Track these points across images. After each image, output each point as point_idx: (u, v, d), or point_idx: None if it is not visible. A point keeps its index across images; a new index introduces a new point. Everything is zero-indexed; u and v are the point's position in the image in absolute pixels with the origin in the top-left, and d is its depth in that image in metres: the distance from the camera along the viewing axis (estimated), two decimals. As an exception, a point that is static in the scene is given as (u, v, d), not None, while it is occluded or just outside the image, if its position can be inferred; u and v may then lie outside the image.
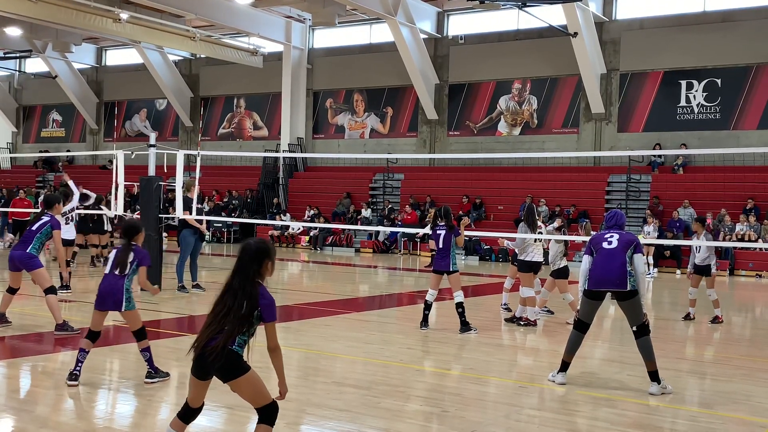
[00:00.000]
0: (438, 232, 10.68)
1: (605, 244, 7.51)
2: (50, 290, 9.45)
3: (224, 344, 4.51)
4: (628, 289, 7.33)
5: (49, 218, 9.59)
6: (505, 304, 12.53)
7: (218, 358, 4.50)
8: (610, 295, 8.05)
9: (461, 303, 10.41)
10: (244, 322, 4.58)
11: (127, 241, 7.19)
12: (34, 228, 9.50)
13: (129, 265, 7.07)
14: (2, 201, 30.68)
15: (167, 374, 7.19)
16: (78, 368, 6.90)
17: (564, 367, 7.60)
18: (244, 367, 4.63)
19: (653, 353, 7.32)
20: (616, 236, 7.54)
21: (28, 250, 9.39)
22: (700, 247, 12.09)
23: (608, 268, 7.38)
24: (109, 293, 7.03)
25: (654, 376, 7.29)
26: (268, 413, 4.75)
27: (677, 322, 12.24)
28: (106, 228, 17.78)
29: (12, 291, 9.61)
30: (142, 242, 7.37)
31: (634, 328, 7.42)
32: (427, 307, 10.60)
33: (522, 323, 11.18)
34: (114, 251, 7.24)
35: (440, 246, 10.57)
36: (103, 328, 7.24)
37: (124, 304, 7.04)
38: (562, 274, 11.48)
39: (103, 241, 17.87)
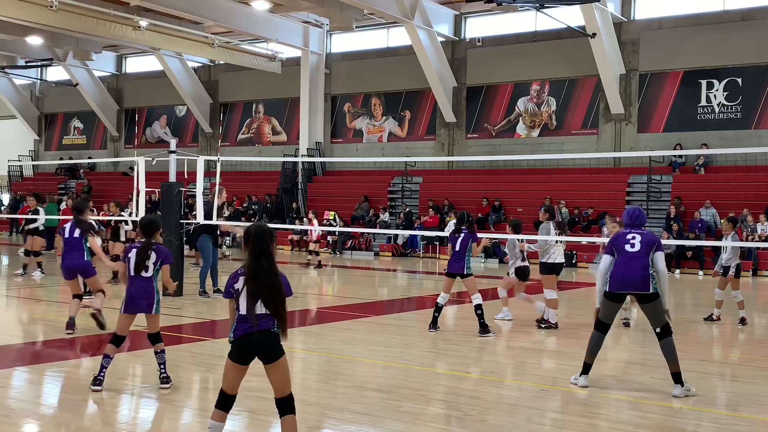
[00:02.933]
0: (456, 235, 10.68)
1: (628, 247, 7.39)
2: (78, 296, 9.85)
3: (284, 325, 4.80)
4: (651, 291, 7.26)
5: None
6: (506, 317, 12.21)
7: (270, 339, 4.76)
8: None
9: (480, 305, 10.38)
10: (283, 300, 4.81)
11: (147, 239, 7.12)
12: (76, 236, 9.68)
13: (153, 266, 7.05)
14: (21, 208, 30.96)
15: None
16: (102, 374, 6.93)
17: (586, 369, 7.54)
18: (283, 349, 4.85)
19: (676, 355, 7.26)
20: (638, 237, 7.41)
21: (85, 259, 9.74)
22: (726, 247, 11.97)
23: (631, 271, 7.30)
24: (142, 296, 7.00)
25: (677, 378, 7.21)
26: (290, 401, 4.92)
27: (700, 323, 12.14)
28: (121, 238, 17.07)
29: (78, 297, 9.91)
30: (161, 240, 7.39)
31: (657, 330, 7.35)
32: (438, 309, 10.56)
33: (543, 326, 11.13)
34: (133, 250, 7.10)
35: (457, 249, 10.55)
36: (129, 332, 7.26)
37: (155, 306, 7.06)
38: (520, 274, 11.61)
39: (118, 251, 17.07)
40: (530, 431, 6.06)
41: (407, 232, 24.69)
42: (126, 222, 16.04)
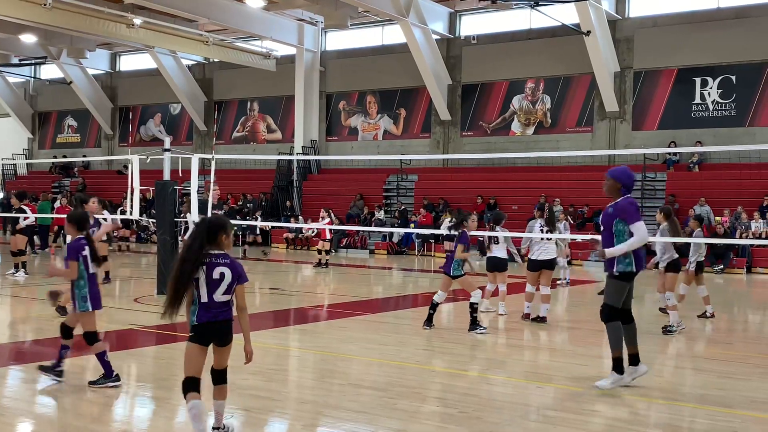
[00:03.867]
0: (453, 234, 10.86)
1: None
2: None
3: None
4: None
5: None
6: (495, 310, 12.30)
7: (229, 326, 5.36)
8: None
9: (474, 303, 10.41)
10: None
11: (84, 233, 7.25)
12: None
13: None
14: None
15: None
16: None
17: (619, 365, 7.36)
18: (232, 335, 5.46)
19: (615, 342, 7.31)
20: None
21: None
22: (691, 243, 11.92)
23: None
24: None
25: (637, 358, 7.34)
26: (225, 373, 5.52)
27: (694, 320, 12.16)
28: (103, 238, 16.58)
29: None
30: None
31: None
32: (433, 306, 10.60)
33: (538, 319, 11.28)
34: (85, 247, 6.97)
35: (453, 249, 10.71)
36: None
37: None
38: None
39: (103, 252, 16.56)
40: (526, 428, 6.07)
41: (402, 230, 24.68)
42: (106, 220, 15.66)
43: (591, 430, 6.13)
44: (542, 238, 11.32)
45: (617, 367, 7.21)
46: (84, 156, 38.35)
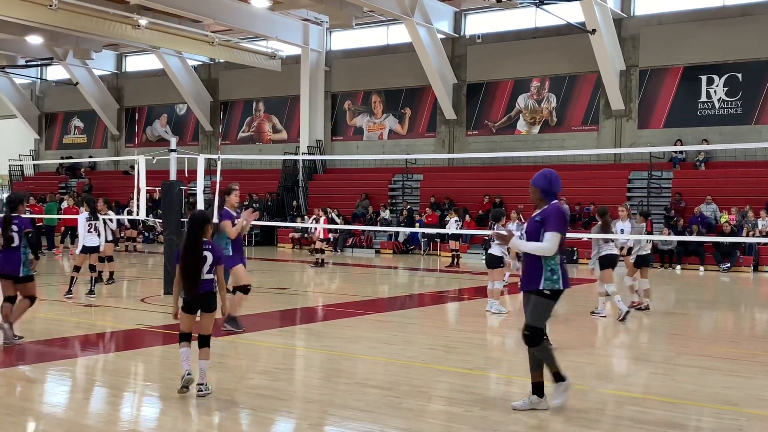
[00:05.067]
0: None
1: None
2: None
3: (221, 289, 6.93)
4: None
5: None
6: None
7: (211, 296, 6.79)
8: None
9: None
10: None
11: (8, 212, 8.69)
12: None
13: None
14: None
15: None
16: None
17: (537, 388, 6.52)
18: (216, 305, 6.86)
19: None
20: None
21: None
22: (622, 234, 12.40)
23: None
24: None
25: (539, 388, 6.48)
26: (209, 338, 6.83)
27: (699, 318, 12.14)
28: (108, 237, 15.24)
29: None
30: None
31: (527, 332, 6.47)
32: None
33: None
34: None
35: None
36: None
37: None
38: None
39: (109, 252, 15.37)
40: (531, 427, 6.08)
41: (408, 230, 24.69)
42: (111, 220, 15.60)
43: (597, 428, 6.13)
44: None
45: (558, 378, 6.55)
46: (90, 157, 38.48)
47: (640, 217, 13.08)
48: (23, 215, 9.11)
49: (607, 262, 11.67)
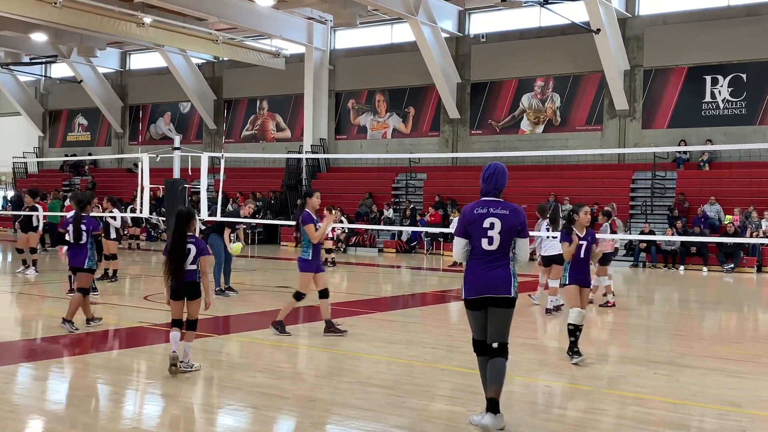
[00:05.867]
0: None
1: (485, 242, 5.88)
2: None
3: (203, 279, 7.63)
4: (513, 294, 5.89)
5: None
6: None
7: (194, 285, 7.52)
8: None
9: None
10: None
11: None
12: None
13: None
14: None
15: None
16: None
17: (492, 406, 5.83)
18: (200, 293, 7.57)
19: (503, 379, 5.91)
20: (498, 221, 5.85)
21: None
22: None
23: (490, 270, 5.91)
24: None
25: (495, 405, 5.81)
26: (196, 323, 7.62)
27: (702, 319, 12.12)
28: (112, 235, 15.44)
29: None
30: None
31: (495, 345, 5.85)
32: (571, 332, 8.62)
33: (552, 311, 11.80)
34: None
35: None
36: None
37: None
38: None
39: (113, 250, 15.46)
40: (534, 427, 6.07)
41: (411, 229, 24.69)
42: (114, 218, 15.53)
43: (600, 428, 6.12)
44: (547, 237, 12.07)
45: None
46: (89, 154, 38.54)
47: (603, 217, 13.22)
48: (91, 215, 10.24)
49: (551, 260, 12.14)
